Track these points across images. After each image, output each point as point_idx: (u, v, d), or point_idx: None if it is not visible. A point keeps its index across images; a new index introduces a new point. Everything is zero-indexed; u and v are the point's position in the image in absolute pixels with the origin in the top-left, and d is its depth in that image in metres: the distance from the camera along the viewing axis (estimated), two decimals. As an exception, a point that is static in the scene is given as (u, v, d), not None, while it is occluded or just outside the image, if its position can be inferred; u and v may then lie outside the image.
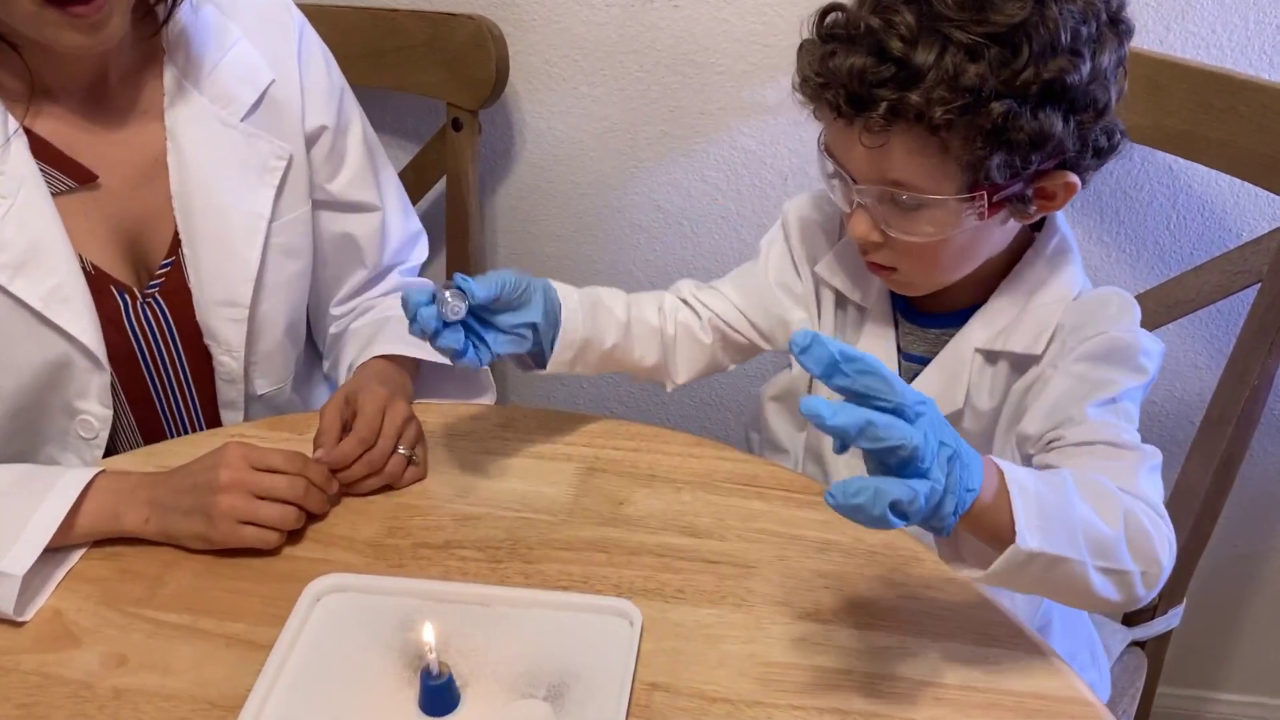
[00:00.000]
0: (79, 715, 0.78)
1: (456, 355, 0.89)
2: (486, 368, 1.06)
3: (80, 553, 0.91)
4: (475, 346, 0.90)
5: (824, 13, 0.87)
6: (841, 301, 1.03)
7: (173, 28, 1.02)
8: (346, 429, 0.97)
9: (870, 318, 1.00)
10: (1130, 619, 1.26)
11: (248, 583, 0.88)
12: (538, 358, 0.98)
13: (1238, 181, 1.23)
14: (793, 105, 1.33)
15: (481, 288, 0.88)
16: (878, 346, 1.00)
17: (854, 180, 0.87)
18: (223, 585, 0.88)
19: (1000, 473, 0.72)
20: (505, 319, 0.92)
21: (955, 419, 0.97)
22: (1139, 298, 1.21)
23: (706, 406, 1.61)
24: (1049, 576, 0.74)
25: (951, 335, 0.96)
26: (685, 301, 1.07)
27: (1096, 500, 0.76)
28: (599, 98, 1.39)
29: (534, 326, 0.94)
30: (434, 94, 1.35)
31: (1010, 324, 0.93)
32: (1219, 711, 1.72)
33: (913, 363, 0.99)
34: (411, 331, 0.88)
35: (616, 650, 0.81)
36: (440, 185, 1.42)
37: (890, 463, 0.66)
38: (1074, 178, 0.85)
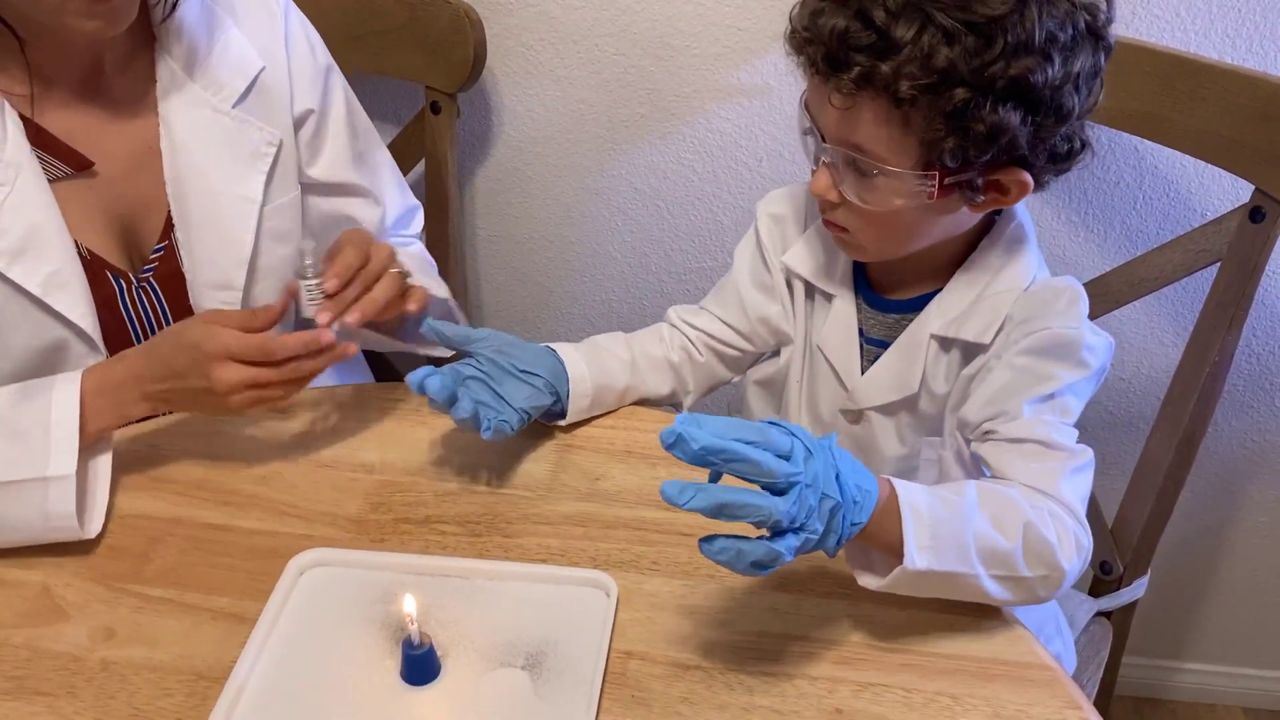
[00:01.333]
0: (69, 687, 0.80)
1: (475, 420, 0.93)
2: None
3: (108, 455, 0.94)
4: (496, 413, 0.94)
5: None
6: (810, 290, 1.05)
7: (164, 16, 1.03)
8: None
9: (835, 303, 1.03)
10: (1096, 590, 1.29)
11: (232, 558, 0.90)
12: (558, 415, 1.02)
13: (1202, 163, 1.26)
14: (767, 88, 1.37)
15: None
16: (841, 330, 1.02)
17: (822, 138, 0.90)
18: (208, 560, 0.90)
19: (895, 495, 0.78)
20: (511, 368, 0.96)
21: (912, 401, 1.00)
22: (1106, 276, 1.25)
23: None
24: (944, 586, 0.80)
25: (910, 320, 0.99)
26: (676, 327, 1.11)
27: (996, 514, 0.81)
28: (576, 81, 1.40)
29: (540, 376, 0.97)
30: (412, 77, 1.36)
31: (964, 312, 0.96)
32: (1183, 680, 1.76)
33: (873, 346, 1.02)
34: (416, 387, 0.92)
35: (593, 620, 0.83)
36: (419, 168, 1.43)
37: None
38: (1027, 177, 0.88)
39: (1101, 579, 1.28)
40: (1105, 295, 1.24)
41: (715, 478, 0.76)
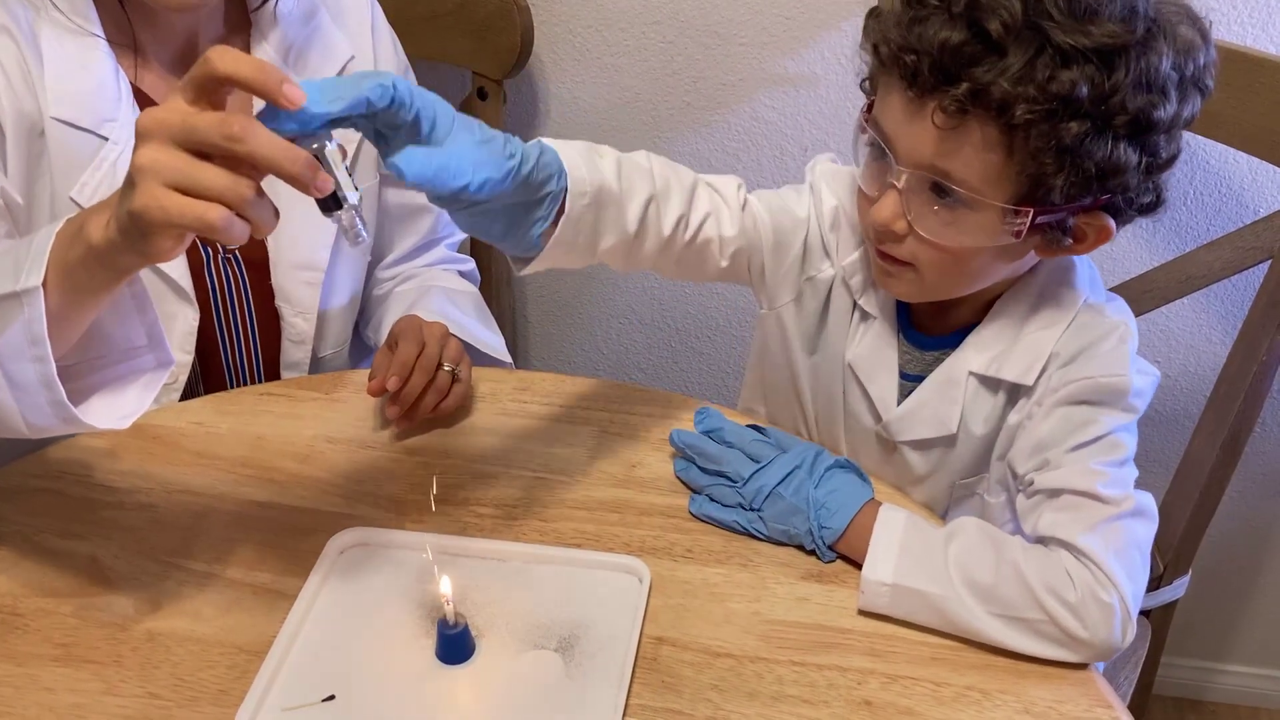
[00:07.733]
0: (115, 656, 0.82)
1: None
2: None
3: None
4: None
5: None
6: (850, 304, 0.98)
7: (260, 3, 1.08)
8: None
9: (875, 327, 0.96)
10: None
11: (274, 535, 0.92)
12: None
13: (1255, 159, 1.24)
14: (814, 78, 1.36)
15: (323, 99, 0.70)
16: (880, 358, 0.96)
17: (897, 161, 0.82)
18: (250, 537, 0.92)
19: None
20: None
21: (949, 442, 0.94)
22: (1153, 272, 1.23)
23: (725, 375, 1.63)
24: (929, 609, 0.82)
25: (946, 355, 0.93)
26: (726, 203, 0.95)
27: (980, 545, 0.82)
28: (622, 68, 1.41)
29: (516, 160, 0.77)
30: (460, 63, 1.38)
31: (1005, 349, 0.89)
32: (1224, 682, 1.74)
33: (908, 381, 0.96)
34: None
35: (626, 605, 0.84)
36: (465, 153, 1.44)
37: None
38: (1111, 224, 0.82)
39: (1142, 577, 1.27)
40: (1152, 292, 1.23)
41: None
